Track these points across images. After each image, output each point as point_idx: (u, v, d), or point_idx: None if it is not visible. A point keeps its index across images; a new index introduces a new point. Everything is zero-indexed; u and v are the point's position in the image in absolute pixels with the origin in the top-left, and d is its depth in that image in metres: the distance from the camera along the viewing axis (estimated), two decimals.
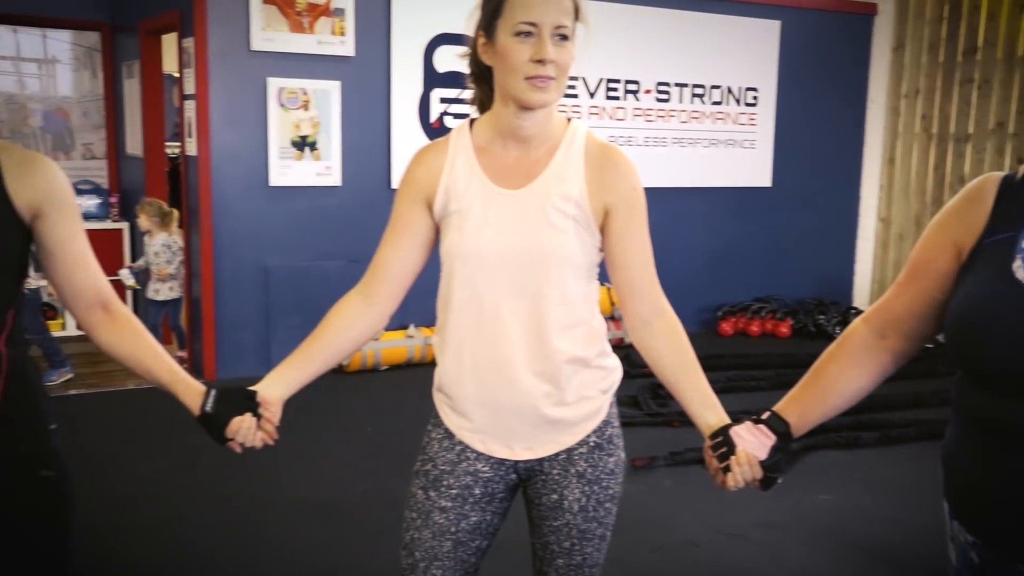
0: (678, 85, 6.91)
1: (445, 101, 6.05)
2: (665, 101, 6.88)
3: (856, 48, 7.61)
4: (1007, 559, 1.42)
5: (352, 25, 5.69)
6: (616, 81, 6.67)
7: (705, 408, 1.77)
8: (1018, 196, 1.44)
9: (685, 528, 3.69)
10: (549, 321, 1.73)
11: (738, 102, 7.16)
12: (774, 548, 3.55)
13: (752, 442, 1.71)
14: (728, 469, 1.71)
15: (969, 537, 1.48)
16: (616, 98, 6.70)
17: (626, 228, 1.76)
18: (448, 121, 6.04)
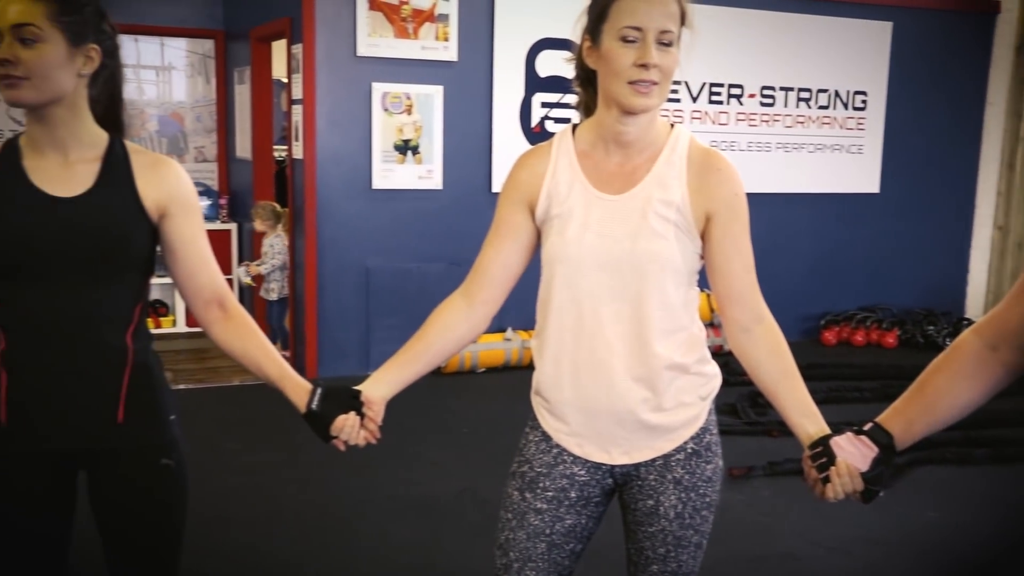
0: (783, 89, 6.78)
1: (546, 105, 6.08)
2: (770, 105, 6.76)
3: (974, 49, 7.32)
4: None
5: (456, 30, 5.77)
6: (719, 85, 6.59)
7: (804, 417, 1.74)
8: None
9: (784, 540, 3.61)
10: (649, 326, 1.73)
11: (846, 106, 6.99)
12: (877, 565, 3.45)
13: (853, 453, 1.67)
14: (827, 480, 1.67)
15: None
16: (719, 102, 6.61)
17: (727, 234, 1.74)
18: (549, 125, 6.07)
